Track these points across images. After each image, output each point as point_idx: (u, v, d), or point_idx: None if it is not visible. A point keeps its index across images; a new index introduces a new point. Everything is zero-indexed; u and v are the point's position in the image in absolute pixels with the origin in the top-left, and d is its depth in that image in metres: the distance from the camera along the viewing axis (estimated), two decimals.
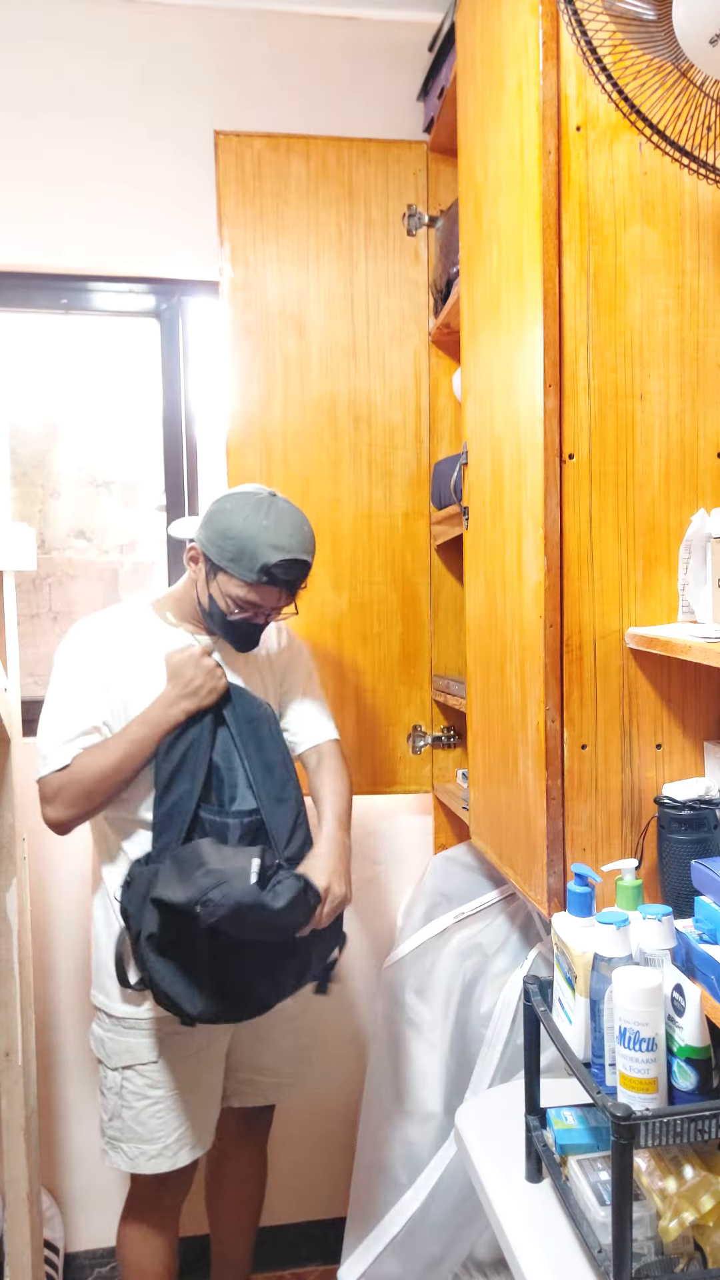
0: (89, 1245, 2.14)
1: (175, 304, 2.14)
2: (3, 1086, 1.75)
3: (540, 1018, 1.19)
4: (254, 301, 1.99)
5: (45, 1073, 2.08)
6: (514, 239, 1.32)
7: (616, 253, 1.23)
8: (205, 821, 1.54)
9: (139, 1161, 1.60)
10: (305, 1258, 2.20)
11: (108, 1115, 1.63)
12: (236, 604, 1.53)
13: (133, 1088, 1.60)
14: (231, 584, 1.52)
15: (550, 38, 1.20)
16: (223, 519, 1.52)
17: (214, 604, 1.56)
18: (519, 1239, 1.11)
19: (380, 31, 2.09)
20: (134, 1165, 1.61)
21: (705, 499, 1.27)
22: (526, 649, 1.32)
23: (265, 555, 1.48)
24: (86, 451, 2.25)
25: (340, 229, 2.02)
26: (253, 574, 1.49)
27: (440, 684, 2.04)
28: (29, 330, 2.19)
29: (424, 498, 2.09)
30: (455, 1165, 1.58)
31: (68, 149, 1.99)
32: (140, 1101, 1.60)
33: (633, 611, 1.27)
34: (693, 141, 1.07)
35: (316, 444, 2.03)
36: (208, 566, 1.55)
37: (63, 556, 2.24)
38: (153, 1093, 1.60)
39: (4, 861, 1.75)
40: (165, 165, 2.03)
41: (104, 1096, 1.64)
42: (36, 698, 2.08)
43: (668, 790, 1.23)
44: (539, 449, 1.24)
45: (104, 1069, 1.63)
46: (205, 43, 2.03)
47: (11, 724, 1.77)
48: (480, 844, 1.63)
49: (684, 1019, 1.00)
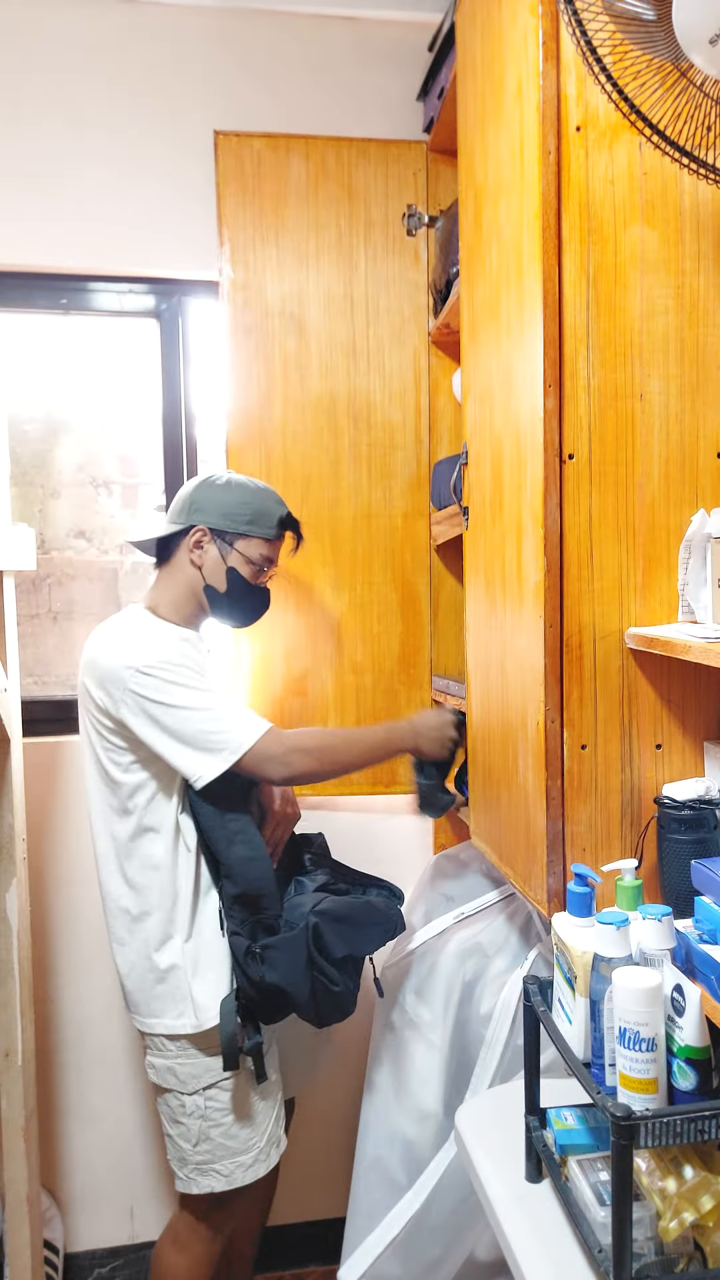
0: (89, 1245, 2.14)
1: (175, 304, 2.14)
2: (2, 1087, 1.75)
3: (540, 1018, 1.19)
4: (253, 301, 1.99)
5: (45, 1073, 2.08)
6: (514, 239, 1.32)
7: (616, 253, 1.23)
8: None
9: (236, 1175, 1.59)
10: (305, 1258, 2.20)
11: (191, 1143, 1.58)
12: (260, 563, 1.67)
13: (217, 1105, 1.58)
14: (253, 545, 1.66)
15: (550, 38, 1.20)
16: (224, 495, 1.66)
17: (234, 576, 1.66)
18: (519, 1239, 1.11)
19: (380, 31, 2.09)
20: (232, 1181, 1.59)
21: (705, 499, 1.27)
22: (526, 649, 1.32)
23: (276, 510, 1.68)
24: (86, 451, 2.24)
25: (340, 229, 2.02)
26: (272, 529, 1.67)
27: (440, 684, 2.04)
28: (29, 330, 2.19)
29: (424, 498, 2.09)
30: (455, 1166, 1.58)
31: (68, 149, 1.99)
32: (227, 1118, 1.58)
33: (633, 611, 1.26)
34: (693, 141, 1.07)
35: (316, 444, 2.03)
36: (221, 542, 1.65)
37: (63, 556, 2.24)
38: (242, 1103, 1.60)
39: (4, 861, 1.75)
40: (165, 165, 2.03)
41: (180, 1125, 1.59)
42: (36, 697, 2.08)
43: (668, 790, 1.23)
44: (539, 449, 1.24)
45: (176, 1096, 1.58)
46: (205, 43, 2.03)
47: (11, 724, 1.77)
48: (480, 844, 1.63)
49: (684, 1019, 1.00)
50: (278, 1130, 1.66)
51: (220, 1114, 1.58)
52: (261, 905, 1.58)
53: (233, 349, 1.99)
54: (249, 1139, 1.60)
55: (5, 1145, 1.76)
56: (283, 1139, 1.68)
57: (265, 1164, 1.62)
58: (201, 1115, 1.58)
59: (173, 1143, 1.61)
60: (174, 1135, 1.61)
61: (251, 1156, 1.60)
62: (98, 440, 2.25)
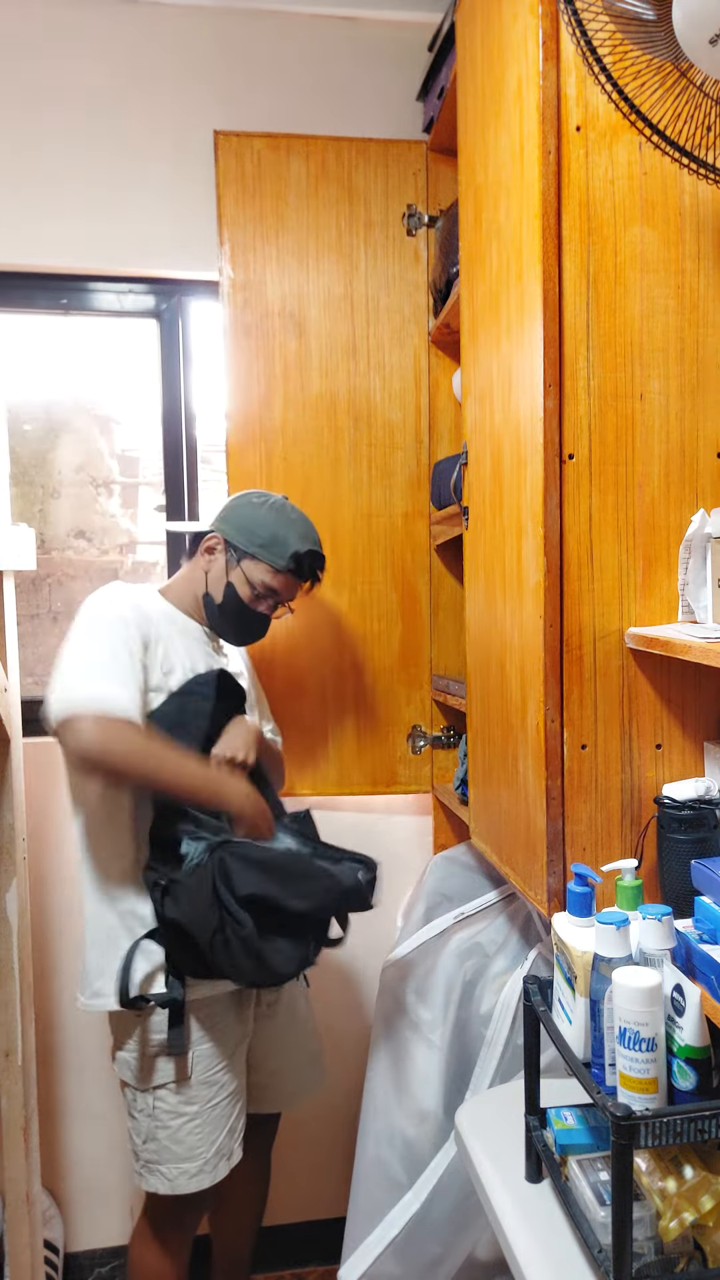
0: (89, 1245, 2.14)
1: (175, 304, 2.14)
2: (3, 1087, 1.75)
3: (540, 1018, 1.19)
4: (254, 301, 1.99)
5: (45, 1073, 2.08)
6: (514, 239, 1.32)
7: (616, 253, 1.23)
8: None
9: (179, 1182, 1.57)
10: (305, 1258, 2.20)
11: (141, 1139, 1.59)
12: (259, 590, 1.63)
13: (166, 1107, 1.57)
14: (258, 569, 1.63)
15: (550, 38, 1.20)
16: (253, 511, 1.65)
17: (230, 592, 1.63)
18: (519, 1239, 1.11)
19: (380, 31, 2.09)
20: (174, 1186, 1.57)
21: (705, 499, 1.27)
22: (526, 649, 1.32)
23: (296, 544, 1.63)
24: (86, 451, 2.25)
25: (340, 229, 2.02)
26: (283, 560, 1.62)
27: (440, 684, 2.04)
28: (29, 330, 2.19)
29: (424, 498, 2.09)
30: (455, 1165, 1.58)
31: (68, 149, 1.99)
32: (176, 1120, 1.57)
33: (632, 611, 1.26)
34: (693, 141, 1.07)
35: (316, 444, 2.03)
36: (230, 554, 1.64)
37: (63, 556, 2.24)
38: (187, 1109, 1.57)
39: (4, 861, 1.75)
40: (165, 165, 2.03)
41: (134, 1120, 1.59)
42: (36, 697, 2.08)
43: (668, 790, 1.23)
44: (539, 449, 1.24)
45: (132, 1092, 1.59)
46: (205, 43, 2.03)
47: (11, 724, 1.77)
48: (480, 844, 1.63)
49: (684, 1019, 1.00)
50: (229, 1143, 1.61)
51: (168, 1117, 1.56)
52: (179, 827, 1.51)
53: (233, 349, 1.99)
54: (194, 1147, 1.57)
55: (5, 1145, 1.76)
56: (235, 1152, 1.63)
57: (210, 1175, 1.58)
58: (150, 1114, 1.57)
59: (129, 1135, 1.62)
60: (130, 1128, 1.62)
61: (195, 1165, 1.57)
62: (98, 440, 2.25)
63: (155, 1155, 1.58)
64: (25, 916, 1.80)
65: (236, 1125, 1.63)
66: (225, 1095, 1.60)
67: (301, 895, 1.48)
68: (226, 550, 1.65)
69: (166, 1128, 1.57)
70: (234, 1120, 1.63)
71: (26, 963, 1.80)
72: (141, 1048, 1.57)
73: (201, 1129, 1.58)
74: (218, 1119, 1.59)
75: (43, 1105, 2.05)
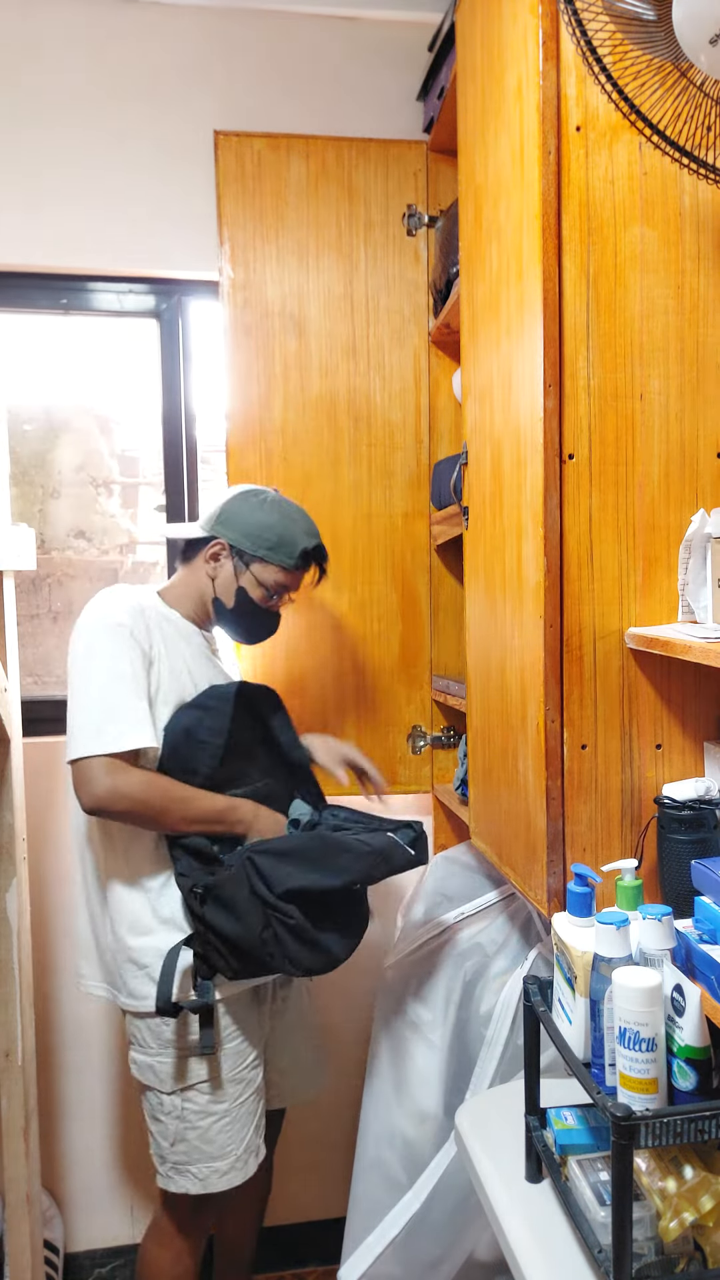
0: (89, 1245, 2.14)
1: (175, 304, 2.14)
2: (3, 1087, 1.75)
3: (540, 1018, 1.19)
4: (254, 301, 1.99)
5: (45, 1073, 2.08)
6: (514, 239, 1.32)
7: (616, 253, 1.23)
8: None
9: (211, 1180, 1.57)
10: (305, 1258, 2.20)
11: (168, 1141, 1.58)
12: (273, 590, 1.66)
13: (195, 1107, 1.57)
14: (269, 571, 1.65)
15: (550, 38, 1.20)
16: (254, 514, 1.64)
17: (243, 596, 1.65)
18: (519, 1239, 1.11)
19: (380, 31, 2.09)
20: (206, 1186, 1.57)
21: (705, 499, 1.27)
22: (526, 649, 1.32)
23: (304, 540, 1.65)
24: (86, 451, 2.25)
25: (340, 229, 2.02)
26: (293, 559, 1.65)
27: (440, 684, 2.04)
28: (29, 330, 2.19)
29: (424, 498, 2.09)
30: (455, 1166, 1.58)
31: (68, 149, 1.99)
32: (205, 1120, 1.57)
33: (633, 611, 1.26)
34: (693, 141, 1.07)
35: (316, 444, 2.03)
36: (237, 560, 1.64)
37: (63, 556, 2.24)
38: (216, 1108, 1.57)
39: (4, 861, 1.75)
40: (165, 165, 2.03)
41: (159, 1123, 1.58)
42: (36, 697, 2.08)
43: (668, 790, 1.23)
44: (539, 449, 1.24)
45: (156, 1095, 1.58)
46: (205, 43, 2.03)
47: (11, 724, 1.77)
48: (480, 844, 1.63)
49: (684, 1019, 1.00)
50: (256, 1139, 1.62)
51: (197, 1117, 1.56)
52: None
53: (233, 349, 1.99)
54: (225, 1145, 1.58)
55: (5, 1145, 1.76)
56: (261, 1148, 1.64)
57: (241, 1172, 1.59)
58: (179, 1116, 1.57)
59: (153, 1139, 1.61)
60: (154, 1132, 1.60)
61: (227, 1163, 1.58)
62: (98, 440, 2.25)
63: (185, 1156, 1.57)
64: (25, 916, 1.80)
65: (261, 1121, 1.65)
66: (252, 1091, 1.62)
67: (336, 871, 1.47)
68: (233, 555, 1.64)
69: (196, 1128, 1.57)
70: (259, 1117, 1.64)
71: (26, 962, 1.80)
72: (172, 1050, 1.56)
73: (231, 1126, 1.58)
74: (246, 1115, 1.60)
75: (43, 1105, 2.05)
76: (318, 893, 1.46)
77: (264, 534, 1.63)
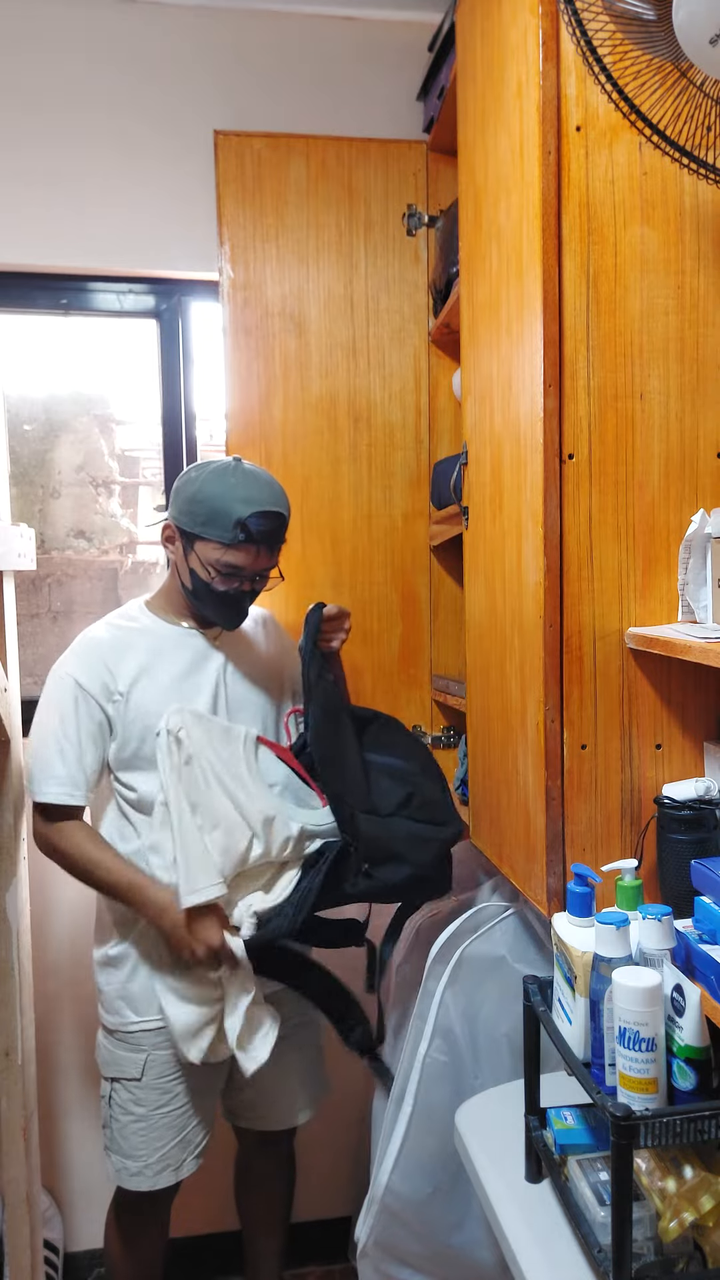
0: (89, 1245, 2.14)
1: (175, 304, 2.14)
2: (2, 1087, 1.75)
3: (540, 1018, 1.19)
4: (254, 301, 1.99)
5: (45, 1073, 2.08)
6: (514, 239, 1.32)
7: (616, 253, 1.23)
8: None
9: (121, 1176, 1.61)
10: (305, 1258, 2.20)
11: (102, 1122, 1.65)
12: (219, 570, 1.50)
13: (118, 1100, 1.60)
14: (209, 549, 1.50)
15: (550, 38, 1.20)
16: (190, 487, 1.52)
17: (196, 577, 1.53)
18: (519, 1239, 1.11)
19: (380, 31, 2.09)
20: (117, 1178, 1.62)
21: (705, 499, 1.27)
22: (526, 649, 1.32)
23: (237, 510, 1.47)
24: (86, 451, 2.25)
25: (340, 229, 2.01)
26: (228, 532, 1.47)
27: (440, 684, 2.04)
28: (29, 330, 2.19)
29: (424, 498, 2.09)
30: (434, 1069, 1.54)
31: (68, 149, 1.99)
32: (124, 1116, 1.59)
33: (632, 611, 1.26)
34: (693, 141, 1.07)
35: (316, 444, 2.03)
36: (183, 540, 1.54)
37: (63, 556, 2.24)
38: (135, 1109, 1.59)
39: (4, 861, 1.75)
40: (165, 165, 2.03)
41: (101, 1100, 1.66)
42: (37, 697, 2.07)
43: (668, 790, 1.23)
44: (539, 449, 1.24)
45: (102, 1076, 1.65)
46: (205, 42, 2.03)
47: (11, 724, 1.76)
48: (480, 844, 1.63)
49: (684, 1019, 1.00)
50: (181, 1154, 1.60)
51: (119, 1110, 1.60)
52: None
53: (232, 349, 1.99)
54: (137, 1148, 1.58)
55: (5, 1145, 1.75)
56: (185, 1164, 1.61)
57: (148, 1180, 1.59)
58: (108, 1101, 1.62)
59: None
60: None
61: (136, 1166, 1.59)
62: (98, 440, 2.25)
63: (109, 1142, 1.63)
64: (25, 916, 1.80)
65: (188, 1142, 1.62)
66: (175, 1108, 1.60)
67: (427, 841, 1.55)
68: (180, 536, 1.54)
69: (116, 1120, 1.60)
70: (189, 1133, 1.61)
71: (26, 962, 1.80)
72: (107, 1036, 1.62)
73: (145, 1133, 1.58)
74: (165, 1127, 1.59)
75: (43, 1105, 2.05)
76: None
77: (198, 509, 1.49)
